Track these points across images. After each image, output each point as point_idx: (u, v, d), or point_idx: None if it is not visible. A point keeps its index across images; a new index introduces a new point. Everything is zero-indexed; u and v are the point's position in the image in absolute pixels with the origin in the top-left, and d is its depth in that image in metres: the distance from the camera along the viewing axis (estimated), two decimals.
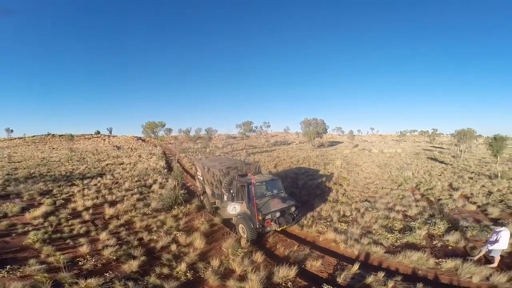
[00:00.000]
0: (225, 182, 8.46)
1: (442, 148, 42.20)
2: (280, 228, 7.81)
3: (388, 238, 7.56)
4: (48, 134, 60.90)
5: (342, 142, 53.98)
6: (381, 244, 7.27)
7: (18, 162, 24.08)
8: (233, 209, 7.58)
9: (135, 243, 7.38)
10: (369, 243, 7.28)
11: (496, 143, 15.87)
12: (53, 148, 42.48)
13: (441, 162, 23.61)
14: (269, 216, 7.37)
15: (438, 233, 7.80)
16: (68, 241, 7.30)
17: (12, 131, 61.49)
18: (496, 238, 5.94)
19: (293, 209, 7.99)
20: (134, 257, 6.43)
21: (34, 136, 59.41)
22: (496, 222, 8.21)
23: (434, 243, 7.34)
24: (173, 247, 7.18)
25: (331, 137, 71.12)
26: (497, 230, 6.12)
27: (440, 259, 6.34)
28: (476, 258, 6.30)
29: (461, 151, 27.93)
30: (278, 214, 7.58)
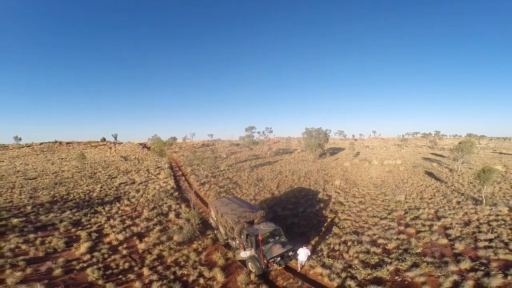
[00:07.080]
0: (236, 229, 10.78)
1: (442, 156, 43.26)
2: (280, 268, 10.17)
3: (361, 273, 9.61)
4: (56, 142, 63.02)
5: (344, 149, 55.31)
6: (356, 278, 9.39)
7: (34, 178, 25.84)
8: (245, 254, 10.01)
9: (171, 277, 9.58)
10: (346, 276, 9.44)
11: (484, 175, 17.20)
12: (62, 159, 44.48)
13: (437, 179, 24.92)
14: (272, 260, 9.61)
15: (404, 268, 9.75)
16: (120, 276, 9.45)
17: (20, 139, 63.77)
18: (301, 253, 9.97)
19: (291, 252, 10.23)
20: None
21: (42, 144, 61.47)
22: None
23: (395, 278, 9.27)
24: (201, 280, 9.39)
25: (333, 142, 72.35)
26: (300, 249, 10.06)
27: None
28: (299, 270, 10.28)
29: (460, 163, 29.32)
30: (279, 259, 9.79)
